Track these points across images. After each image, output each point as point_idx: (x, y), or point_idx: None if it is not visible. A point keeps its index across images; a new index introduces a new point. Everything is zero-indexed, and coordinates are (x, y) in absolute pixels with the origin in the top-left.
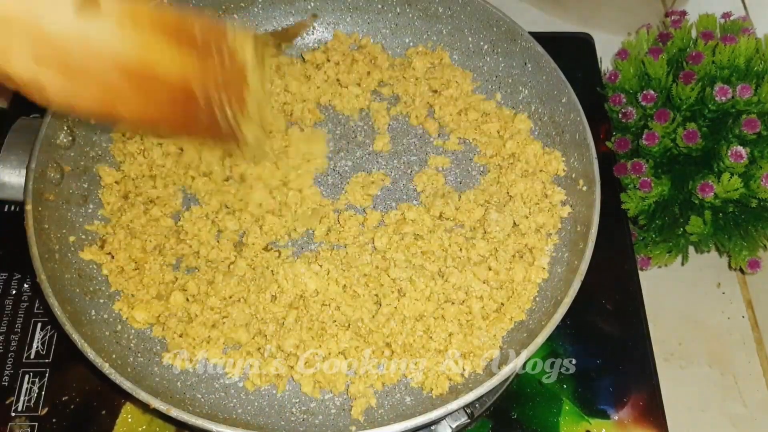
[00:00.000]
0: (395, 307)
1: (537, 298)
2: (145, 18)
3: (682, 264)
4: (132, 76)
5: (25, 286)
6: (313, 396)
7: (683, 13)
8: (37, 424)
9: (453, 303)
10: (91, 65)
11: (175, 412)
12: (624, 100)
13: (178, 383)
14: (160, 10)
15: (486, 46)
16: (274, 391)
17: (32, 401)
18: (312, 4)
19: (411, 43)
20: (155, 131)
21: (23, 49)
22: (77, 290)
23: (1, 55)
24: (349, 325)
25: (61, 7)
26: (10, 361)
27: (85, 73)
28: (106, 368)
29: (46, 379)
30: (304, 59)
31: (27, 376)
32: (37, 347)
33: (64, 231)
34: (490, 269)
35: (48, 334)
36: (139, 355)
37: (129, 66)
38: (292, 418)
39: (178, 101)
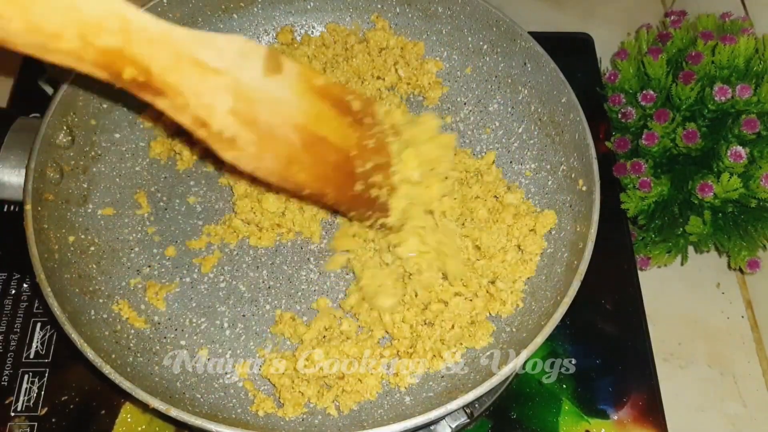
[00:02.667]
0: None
1: (537, 298)
2: (315, 83)
3: (682, 264)
4: (305, 136)
5: (25, 286)
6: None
7: (683, 13)
8: (36, 424)
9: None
10: (274, 121)
11: (174, 412)
12: (623, 100)
13: (178, 383)
14: (325, 79)
15: (485, 46)
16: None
17: (32, 401)
18: (311, 4)
19: None
20: (320, 201)
21: (226, 101)
22: (77, 290)
23: (206, 105)
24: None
25: (253, 66)
26: (10, 360)
27: (269, 130)
28: (106, 368)
29: (45, 379)
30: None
31: (26, 376)
32: (37, 347)
33: (63, 231)
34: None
35: (47, 334)
36: (138, 355)
37: (303, 125)
38: (292, 418)
39: (339, 168)
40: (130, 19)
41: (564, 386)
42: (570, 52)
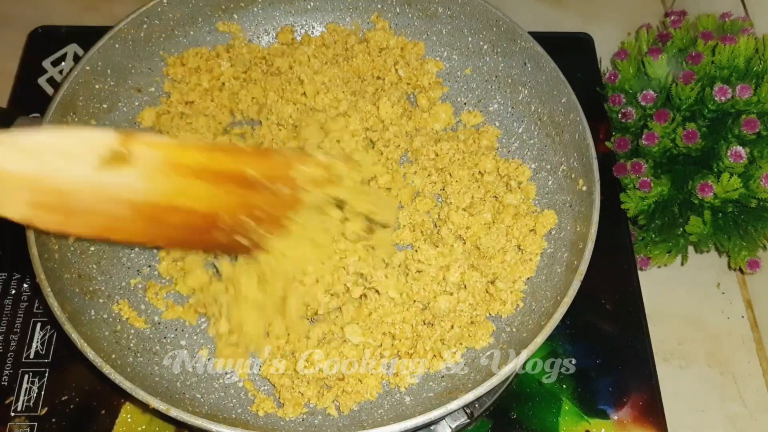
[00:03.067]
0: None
1: (537, 298)
2: (179, 164)
3: (682, 264)
4: (145, 209)
5: (25, 286)
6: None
7: (683, 13)
8: (36, 423)
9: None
10: (99, 207)
11: (174, 412)
12: (623, 100)
13: (178, 383)
14: (208, 152)
15: (486, 46)
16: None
17: (32, 401)
18: (312, 4)
19: None
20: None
21: (20, 198)
22: (77, 290)
23: None
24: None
25: (82, 162)
26: (10, 360)
27: (88, 212)
28: (106, 368)
29: (45, 378)
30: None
31: (26, 376)
32: (37, 347)
33: None
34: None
35: (47, 334)
36: (138, 355)
37: (145, 202)
38: (292, 418)
39: (194, 228)
40: None
41: (564, 386)
42: (570, 52)
